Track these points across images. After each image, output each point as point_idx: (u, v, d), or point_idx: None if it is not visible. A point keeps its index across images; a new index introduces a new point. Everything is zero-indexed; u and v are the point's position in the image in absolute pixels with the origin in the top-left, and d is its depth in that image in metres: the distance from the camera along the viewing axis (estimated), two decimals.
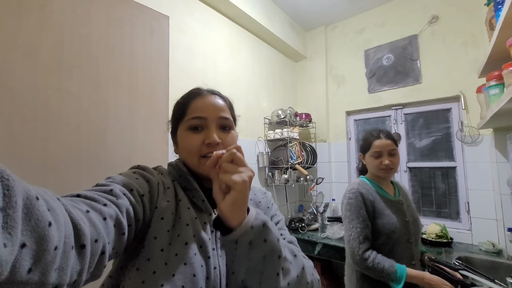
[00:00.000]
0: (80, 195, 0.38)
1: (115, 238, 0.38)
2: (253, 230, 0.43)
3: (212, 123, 0.55)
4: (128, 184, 0.45)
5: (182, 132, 0.56)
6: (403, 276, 0.99)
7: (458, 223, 2.04)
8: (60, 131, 0.81)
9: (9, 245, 0.21)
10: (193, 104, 0.56)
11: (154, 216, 0.47)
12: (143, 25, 1.04)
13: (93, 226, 0.33)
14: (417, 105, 2.28)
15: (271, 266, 0.44)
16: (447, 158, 2.14)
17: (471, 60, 1.97)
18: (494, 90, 1.29)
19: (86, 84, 0.87)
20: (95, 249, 0.33)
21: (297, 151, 2.34)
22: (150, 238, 0.45)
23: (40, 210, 0.24)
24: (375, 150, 1.16)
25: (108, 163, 0.92)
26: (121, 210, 0.40)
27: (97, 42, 0.91)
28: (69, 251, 0.28)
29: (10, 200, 0.21)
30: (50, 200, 0.27)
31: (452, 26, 2.08)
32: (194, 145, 0.53)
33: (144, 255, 0.44)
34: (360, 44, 2.57)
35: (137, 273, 0.43)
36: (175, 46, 1.61)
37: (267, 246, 0.44)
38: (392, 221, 1.09)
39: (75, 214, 0.31)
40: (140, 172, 0.51)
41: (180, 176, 0.56)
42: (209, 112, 0.55)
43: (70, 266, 0.28)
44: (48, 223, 0.25)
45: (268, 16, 2.30)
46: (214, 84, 2.00)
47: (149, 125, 1.06)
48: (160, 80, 1.10)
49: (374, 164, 1.17)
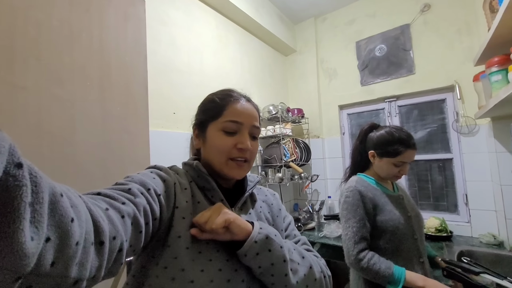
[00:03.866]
0: (100, 193, 0.39)
1: (133, 236, 0.39)
2: (257, 244, 0.50)
3: (246, 129, 0.59)
4: (145, 183, 0.46)
5: (215, 131, 0.58)
6: (401, 279, 0.92)
7: (457, 216, 2.00)
8: (13, 134, 0.67)
9: (35, 239, 0.22)
10: (231, 107, 0.59)
11: (176, 215, 0.50)
12: (115, 9, 0.91)
13: (112, 223, 0.34)
14: (411, 97, 2.23)
15: (278, 269, 0.51)
16: (443, 150, 2.10)
17: (466, 48, 1.92)
18: (496, 76, 1.22)
19: (46, 78, 0.74)
20: (113, 246, 0.34)
21: (291, 148, 2.24)
22: (174, 237, 0.48)
23: (64, 206, 0.26)
24: (402, 160, 1.05)
25: (78, 169, 0.79)
26: (138, 208, 0.41)
27: (59, 29, 0.78)
28: (89, 247, 0.29)
29: (37, 196, 0.22)
30: (73, 197, 0.29)
31: (445, 14, 2.02)
32: (226, 146, 0.57)
33: (170, 254, 0.47)
34: (351, 36, 2.49)
35: (165, 271, 0.46)
36: (156, 38, 1.47)
37: (273, 254, 0.51)
38: (395, 217, 1.03)
39: (95, 211, 0.32)
40: (157, 172, 0.53)
41: (198, 176, 0.58)
42: (245, 118, 0.59)
43: (90, 262, 0.29)
44: (71, 219, 0.26)
45: (256, 8, 2.18)
46: (201, 80, 1.86)
47: (127, 125, 0.93)
48: (137, 74, 0.97)
49: (391, 172, 1.08)
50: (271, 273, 0.51)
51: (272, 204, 0.69)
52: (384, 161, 1.09)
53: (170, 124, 1.51)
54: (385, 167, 1.09)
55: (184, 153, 0.79)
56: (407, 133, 1.08)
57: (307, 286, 0.54)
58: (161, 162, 0.59)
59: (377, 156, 1.11)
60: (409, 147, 1.04)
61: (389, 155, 1.07)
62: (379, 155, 1.10)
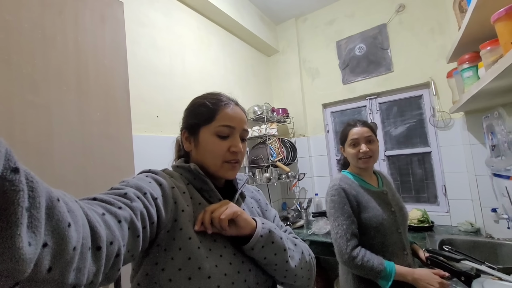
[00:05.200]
0: (96, 198, 0.39)
1: (130, 240, 0.39)
2: (262, 238, 0.56)
3: (237, 133, 0.62)
4: (141, 187, 0.46)
5: (209, 136, 0.61)
6: (392, 273, 0.95)
7: (437, 206, 2.09)
8: None
9: (33, 244, 0.22)
10: (223, 112, 0.61)
11: (183, 219, 0.51)
12: (91, 11, 0.87)
13: (109, 228, 0.34)
14: (391, 94, 2.31)
15: (280, 257, 0.58)
16: (422, 144, 2.19)
17: (439, 46, 2.02)
18: (467, 72, 1.29)
19: (18, 83, 0.69)
20: (111, 251, 0.34)
21: (277, 148, 2.25)
22: (185, 239, 0.50)
23: (61, 211, 0.26)
24: (352, 138, 1.14)
25: (57, 180, 0.75)
26: (135, 213, 0.41)
27: (31, 31, 0.73)
28: (86, 252, 0.29)
29: (34, 201, 0.22)
30: (70, 202, 0.29)
31: (418, 14, 2.11)
32: (222, 150, 0.60)
33: (183, 256, 0.49)
34: (332, 36, 2.55)
35: (180, 273, 0.48)
36: (135, 40, 1.43)
37: (275, 245, 0.57)
38: (378, 213, 1.06)
39: (92, 216, 0.32)
40: (152, 175, 0.53)
41: (195, 178, 0.60)
42: (236, 123, 0.62)
43: (87, 267, 0.29)
44: (68, 224, 0.26)
45: (236, 8, 2.18)
46: (183, 82, 1.83)
47: (108, 130, 0.90)
48: (118, 77, 0.94)
49: (353, 154, 1.14)
50: (275, 262, 0.57)
51: (259, 200, 0.74)
52: (346, 149, 1.18)
53: (153, 128, 1.47)
54: (349, 153, 1.16)
55: (169, 157, 0.77)
56: (356, 119, 1.20)
57: (301, 268, 0.62)
58: (146, 167, 0.57)
59: (343, 148, 1.21)
60: (354, 126, 1.15)
61: (344, 140, 1.18)
62: (342, 145, 1.21)
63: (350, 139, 1.14)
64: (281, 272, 0.58)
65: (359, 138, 1.12)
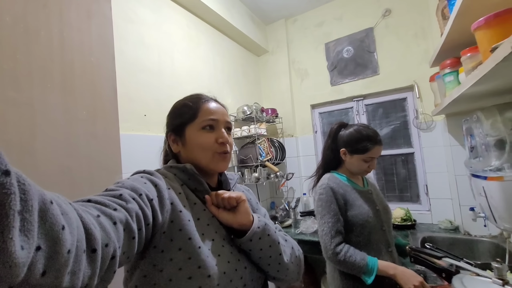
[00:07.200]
0: (90, 200, 0.38)
1: (126, 242, 0.39)
2: (259, 229, 0.59)
3: (221, 125, 0.65)
4: (136, 188, 0.46)
5: (195, 132, 0.63)
6: (374, 268, 0.98)
7: (419, 205, 2.17)
8: None
9: (26, 248, 0.21)
10: (204, 107, 0.64)
11: (182, 219, 0.52)
12: (77, 6, 0.84)
13: (104, 230, 0.34)
14: (377, 96, 2.37)
15: (275, 250, 0.60)
16: (405, 144, 2.27)
17: (422, 51, 2.09)
18: (449, 77, 1.35)
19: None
20: (106, 254, 0.33)
21: (266, 148, 2.27)
22: (185, 240, 0.50)
23: (54, 214, 0.25)
24: (371, 156, 1.11)
25: (41, 180, 0.73)
26: (130, 214, 0.41)
27: (12, 26, 0.70)
28: (81, 255, 0.29)
29: (26, 204, 0.22)
30: (63, 204, 0.28)
31: (403, 19, 2.18)
32: (210, 142, 0.62)
33: (183, 256, 0.49)
34: (321, 37, 2.58)
35: (181, 272, 0.48)
36: (123, 36, 1.40)
37: (270, 238, 0.60)
38: (364, 211, 1.10)
39: (86, 218, 0.31)
40: (148, 176, 0.53)
41: (189, 178, 0.60)
42: (219, 115, 0.64)
43: (82, 270, 0.29)
44: (62, 227, 0.26)
45: (226, 7, 2.17)
46: (172, 80, 1.80)
47: (94, 129, 0.87)
48: (104, 74, 0.91)
49: (361, 167, 1.14)
50: (269, 254, 0.59)
51: (250, 199, 0.76)
52: (354, 158, 1.14)
53: (141, 127, 1.44)
54: (356, 163, 1.15)
55: (157, 156, 0.77)
56: (374, 130, 1.15)
57: (292, 263, 0.64)
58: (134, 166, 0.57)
59: (348, 154, 1.16)
60: (376, 143, 1.11)
61: (359, 152, 1.12)
62: (350, 153, 1.16)
63: (368, 156, 1.11)
64: (275, 265, 0.61)
65: (376, 157, 1.12)
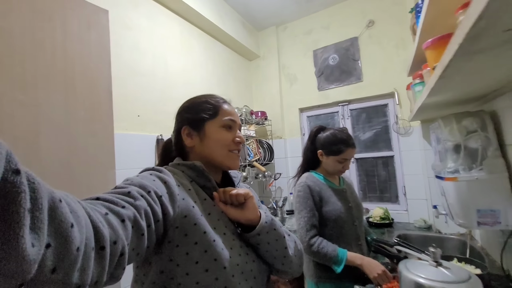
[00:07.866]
0: (99, 198, 0.39)
1: (134, 239, 0.40)
2: (267, 224, 0.62)
3: (237, 126, 0.70)
4: (145, 186, 0.47)
5: (216, 128, 0.66)
6: (343, 258, 1.09)
7: (397, 205, 2.31)
8: None
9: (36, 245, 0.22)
10: (224, 108, 0.68)
11: (196, 215, 0.54)
12: (78, 19, 0.94)
13: (112, 228, 0.35)
14: (360, 101, 2.50)
15: (281, 243, 0.64)
16: (386, 148, 2.40)
17: (402, 61, 2.24)
18: (418, 87, 1.48)
19: (9, 83, 0.76)
20: (114, 251, 0.34)
21: (254, 149, 2.38)
22: (201, 233, 0.52)
23: (63, 212, 0.26)
24: (345, 157, 1.22)
25: (43, 172, 0.83)
26: (139, 211, 0.41)
27: (21, 36, 0.80)
28: (89, 252, 0.29)
29: (36, 202, 0.22)
30: (72, 202, 0.29)
31: (385, 30, 2.33)
32: (228, 139, 0.66)
33: (199, 249, 0.51)
34: (309, 45, 2.72)
35: (198, 265, 0.50)
36: (119, 42, 1.50)
37: (277, 232, 0.64)
38: (337, 207, 1.20)
39: (94, 216, 0.32)
40: (157, 173, 0.54)
41: (198, 175, 0.62)
42: (236, 117, 0.69)
43: (91, 267, 0.30)
44: (71, 225, 0.26)
45: (219, 14, 2.28)
46: (165, 83, 1.90)
47: (92, 128, 0.97)
48: (101, 79, 1.02)
49: (336, 168, 1.24)
50: (276, 248, 0.63)
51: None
52: (330, 159, 1.25)
53: (135, 127, 1.54)
54: (331, 164, 1.26)
55: (150, 155, 0.86)
56: (347, 134, 1.27)
57: (295, 256, 0.68)
58: (127, 164, 0.66)
59: (325, 155, 1.27)
60: (349, 146, 1.23)
61: (334, 153, 1.24)
62: (326, 154, 1.27)
63: (342, 157, 1.21)
64: (280, 259, 0.64)
65: (349, 158, 1.23)
